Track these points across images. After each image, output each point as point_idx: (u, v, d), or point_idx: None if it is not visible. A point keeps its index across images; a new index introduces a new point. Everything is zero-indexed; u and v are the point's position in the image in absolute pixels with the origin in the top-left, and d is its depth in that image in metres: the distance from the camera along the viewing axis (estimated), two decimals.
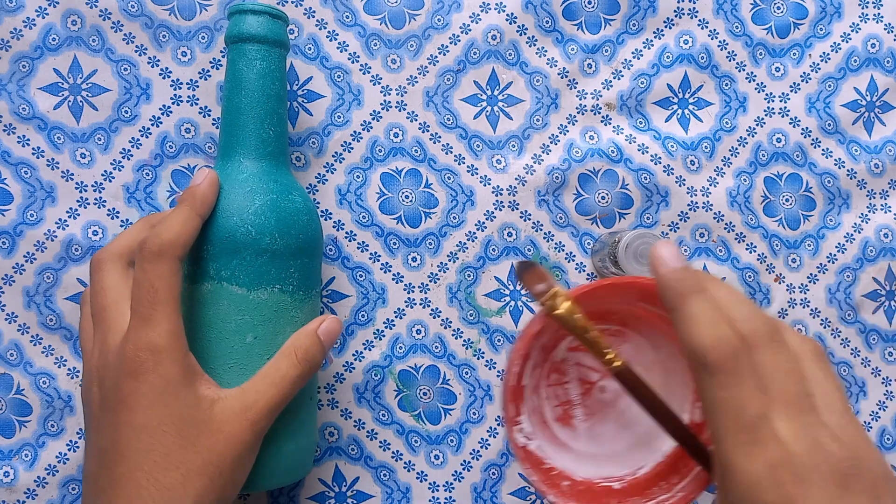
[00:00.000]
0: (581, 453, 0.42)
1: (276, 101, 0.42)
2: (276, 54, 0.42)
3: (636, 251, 0.45)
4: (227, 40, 0.42)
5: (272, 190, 0.41)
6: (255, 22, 0.41)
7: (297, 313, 0.41)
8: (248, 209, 0.39)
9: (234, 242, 0.39)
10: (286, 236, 0.40)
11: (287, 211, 0.40)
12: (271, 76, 0.42)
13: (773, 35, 0.52)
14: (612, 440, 0.42)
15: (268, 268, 0.39)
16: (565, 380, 0.43)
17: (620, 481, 0.41)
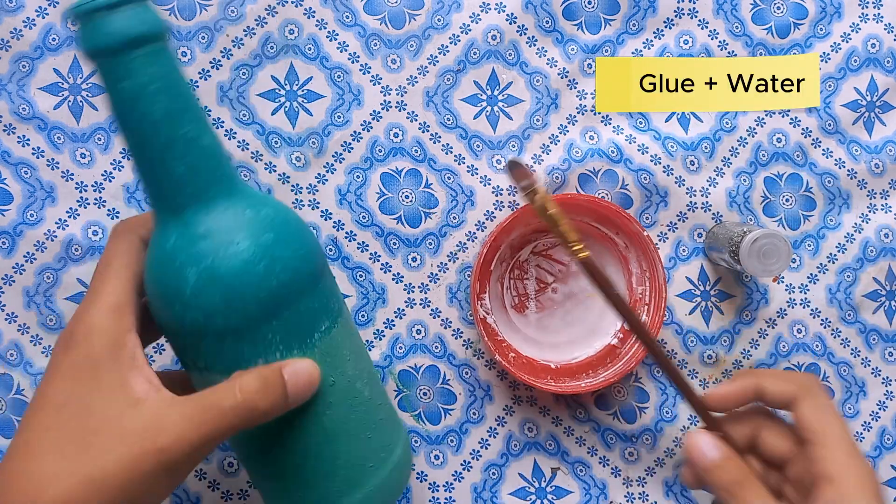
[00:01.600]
0: (528, 338, 0.51)
1: (173, 121, 0.30)
2: (143, 59, 0.29)
3: (760, 250, 0.45)
4: (90, 54, 0.30)
5: (205, 252, 0.31)
6: (114, 22, 0.29)
7: None
8: (184, 290, 0.31)
9: (188, 331, 0.32)
10: (241, 305, 0.31)
11: (231, 273, 0.31)
12: (157, 89, 0.30)
13: (773, 35, 0.52)
14: (555, 333, 0.51)
15: (238, 347, 0.32)
16: (525, 277, 0.51)
17: (556, 363, 0.50)
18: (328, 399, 0.34)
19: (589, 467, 0.51)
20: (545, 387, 0.47)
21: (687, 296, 0.51)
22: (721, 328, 0.51)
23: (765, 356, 0.52)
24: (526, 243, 0.51)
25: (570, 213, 0.49)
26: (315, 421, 0.34)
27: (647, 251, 0.48)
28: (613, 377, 0.48)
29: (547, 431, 0.50)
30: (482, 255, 0.47)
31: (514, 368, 0.47)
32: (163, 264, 0.32)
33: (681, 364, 0.51)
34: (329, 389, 0.34)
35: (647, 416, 0.51)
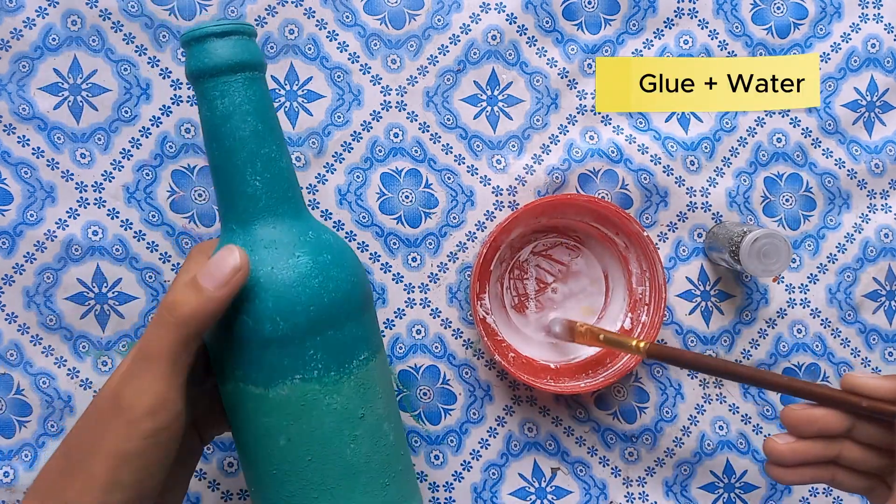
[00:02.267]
0: (528, 337, 0.51)
1: (256, 138, 0.34)
2: (242, 82, 0.34)
3: (760, 250, 0.45)
4: (197, 73, 0.34)
5: (266, 260, 0.33)
6: (221, 48, 0.33)
7: (334, 399, 0.34)
8: (241, 293, 0.33)
9: (234, 336, 0.33)
10: (291, 315, 0.33)
11: (287, 283, 0.33)
12: (243, 111, 0.34)
13: (773, 35, 0.52)
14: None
15: (279, 358, 0.33)
16: (525, 277, 0.51)
17: (556, 363, 0.50)
18: (355, 431, 0.34)
19: (589, 467, 0.51)
20: (545, 387, 0.47)
21: (687, 296, 0.51)
22: (721, 328, 0.51)
23: (765, 356, 0.52)
24: (526, 243, 0.51)
25: (570, 213, 0.49)
26: (339, 453, 0.34)
27: (647, 251, 0.48)
28: (613, 377, 0.48)
29: (547, 431, 0.50)
30: (482, 255, 0.47)
31: (513, 368, 0.47)
32: None
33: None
34: (358, 421, 0.34)
35: (647, 416, 0.51)
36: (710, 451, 0.51)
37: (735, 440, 0.51)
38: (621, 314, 0.50)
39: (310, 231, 0.35)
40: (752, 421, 0.51)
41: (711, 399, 0.51)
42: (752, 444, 0.51)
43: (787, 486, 0.51)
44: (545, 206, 0.48)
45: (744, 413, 0.51)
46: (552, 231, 0.51)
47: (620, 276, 0.51)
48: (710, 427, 0.51)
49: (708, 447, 0.51)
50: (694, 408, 0.51)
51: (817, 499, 0.52)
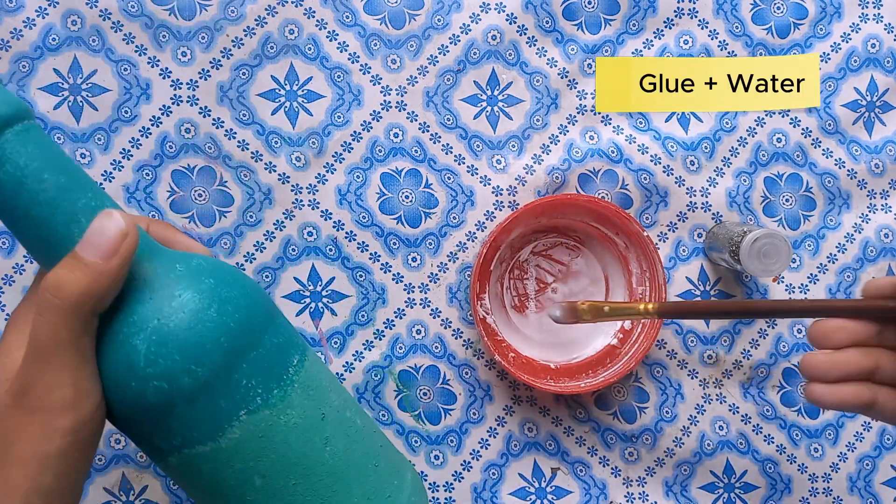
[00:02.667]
0: (528, 337, 0.51)
1: (65, 193, 0.28)
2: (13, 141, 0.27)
3: (760, 250, 0.45)
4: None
5: (149, 315, 0.29)
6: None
7: (290, 414, 0.31)
8: (137, 363, 0.28)
9: (154, 408, 0.29)
10: (205, 357, 0.29)
11: (183, 327, 0.29)
12: (34, 170, 0.27)
13: (773, 35, 0.52)
14: (555, 333, 0.51)
15: (215, 404, 0.29)
16: (525, 277, 0.51)
17: (556, 363, 0.50)
18: (324, 433, 0.32)
19: (589, 467, 0.51)
20: (545, 387, 0.47)
21: (687, 296, 0.51)
22: (721, 328, 0.51)
23: (765, 356, 0.52)
24: (526, 243, 0.51)
25: (570, 213, 0.49)
26: (318, 461, 0.32)
27: (647, 251, 0.48)
28: (613, 377, 0.48)
29: (547, 431, 0.50)
30: (482, 255, 0.47)
31: (513, 368, 0.47)
32: (104, 345, 0.29)
33: (681, 364, 0.51)
34: (322, 423, 0.32)
35: (647, 416, 0.51)
36: (710, 451, 0.51)
37: (735, 440, 0.51)
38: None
39: (176, 264, 0.31)
40: (752, 421, 0.51)
41: (711, 399, 0.51)
42: (752, 444, 0.51)
43: (787, 486, 0.51)
44: (545, 206, 0.48)
45: (744, 413, 0.51)
46: (552, 231, 0.51)
47: (620, 276, 0.51)
48: (710, 427, 0.51)
49: (708, 447, 0.51)
50: (694, 408, 0.51)
51: (817, 499, 0.52)
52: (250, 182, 0.48)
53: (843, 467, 0.52)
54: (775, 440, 0.51)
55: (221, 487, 0.31)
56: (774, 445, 0.51)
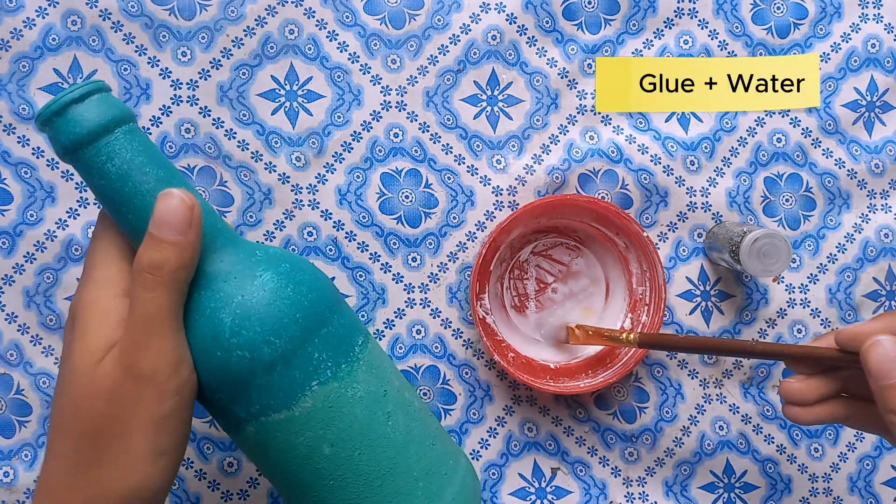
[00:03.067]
0: (528, 337, 0.51)
1: (162, 185, 0.32)
2: (123, 137, 0.32)
3: (760, 250, 0.45)
4: (61, 158, 0.32)
5: (233, 292, 0.33)
6: (88, 111, 0.31)
7: (356, 388, 0.34)
8: (223, 334, 0.32)
9: (236, 376, 0.33)
10: (283, 330, 0.33)
11: (264, 303, 0.33)
12: (139, 164, 0.32)
13: (773, 35, 0.52)
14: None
15: (290, 374, 0.33)
16: (525, 277, 0.51)
17: (556, 363, 0.50)
18: (386, 408, 0.35)
19: (589, 467, 0.51)
20: (545, 387, 0.47)
21: (687, 296, 0.51)
22: (721, 328, 0.51)
23: None
24: (526, 243, 0.51)
25: (570, 214, 0.49)
26: (381, 434, 0.35)
27: (647, 251, 0.48)
28: (613, 377, 0.48)
29: (547, 431, 0.50)
30: (482, 255, 0.47)
31: (513, 368, 0.47)
32: (193, 319, 0.33)
33: (681, 364, 0.51)
34: (384, 399, 0.35)
35: (647, 416, 0.51)
36: (710, 451, 0.51)
37: (735, 440, 0.51)
38: (621, 314, 0.51)
39: (256, 251, 0.35)
40: (752, 421, 0.51)
41: (711, 399, 0.51)
42: (752, 444, 0.51)
43: (787, 486, 0.51)
44: (545, 207, 0.48)
45: (744, 413, 0.51)
46: (552, 231, 0.51)
47: (620, 277, 0.51)
48: (710, 427, 0.51)
49: (708, 447, 0.51)
50: (694, 408, 0.51)
51: (817, 499, 0.52)
52: (250, 182, 0.48)
53: (844, 467, 0.52)
54: (775, 440, 0.51)
55: (292, 456, 0.34)
56: (774, 445, 0.51)
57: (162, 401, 0.31)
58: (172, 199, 0.32)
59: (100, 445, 0.31)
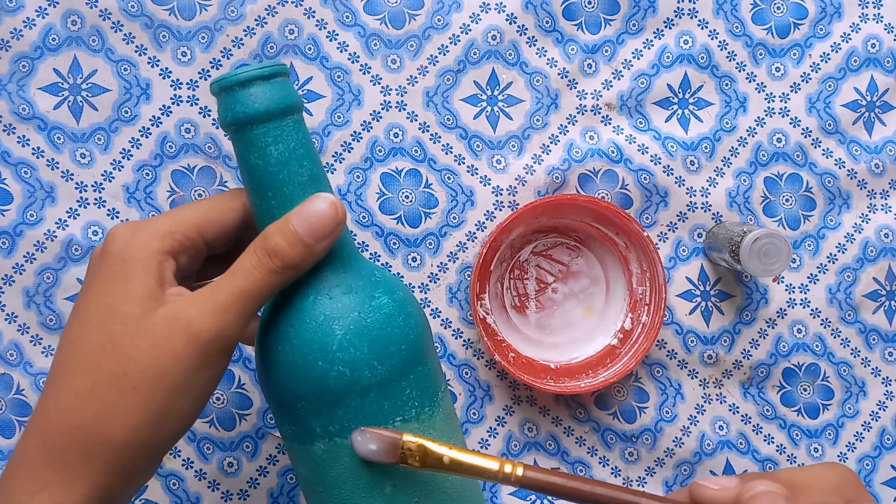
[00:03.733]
0: (528, 338, 0.51)
1: (313, 182, 0.32)
2: (292, 125, 0.32)
3: (760, 250, 0.45)
4: (225, 127, 0.32)
5: (351, 306, 0.32)
6: (271, 92, 0.31)
7: (431, 434, 0.33)
8: (330, 346, 0.31)
9: (330, 391, 0.32)
10: (387, 358, 0.32)
11: (377, 326, 0.32)
12: (299, 155, 0.32)
13: (773, 35, 0.52)
14: (555, 333, 0.51)
15: (379, 404, 0.32)
16: (525, 277, 0.51)
17: (556, 363, 0.50)
18: None
19: (589, 467, 0.51)
20: (545, 387, 0.47)
21: (687, 296, 0.51)
22: (721, 328, 0.51)
23: (765, 356, 0.52)
24: (526, 243, 0.51)
25: (570, 214, 0.49)
26: (441, 487, 0.34)
27: (647, 251, 0.48)
28: (613, 377, 0.48)
29: (547, 431, 0.50)
30: (482, 255, 0.47)
31: (513, 368, 0.47)
32: (302, 321, 0.32)
33: (681, 364, 0.51)
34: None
35: (647, 416, 0.51)
36: (710, 451, 0.51)
37: (735, 440, 0.51)
38: (621, 314, 0.51)
39: (375, 271, 0.34)
40: (752, 421, 0.51)
41: (711, 399, 0.51)
42: (752, 444, 0.51)
43: None
44: (545, 206, 0.48)
45: (744, 413, 0.51)
46: (552, 231, 0.51)
47: (621, 277, 0.51)
48: (710, 427, 0.51)
49: (708, 447, 0.51)
50: (694, 408, 0.51)
51: None
52: None
53: None
54: (775, 440, 0.52)
55: (354, 485, 0.33)
56: (774, 445, 0.51)
57: (203, 368, 0.31)
58: (325, 204, 0.32)
59: (121, 389, 0.30)
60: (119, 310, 0.30)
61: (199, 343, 0.30)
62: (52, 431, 0.30)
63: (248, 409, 0.48)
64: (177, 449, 0.48)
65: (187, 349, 0.30)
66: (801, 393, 0.52)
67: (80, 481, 0.30)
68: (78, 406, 0.30)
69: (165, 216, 0.33)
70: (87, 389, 0.30)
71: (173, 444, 0.32)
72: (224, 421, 0.48)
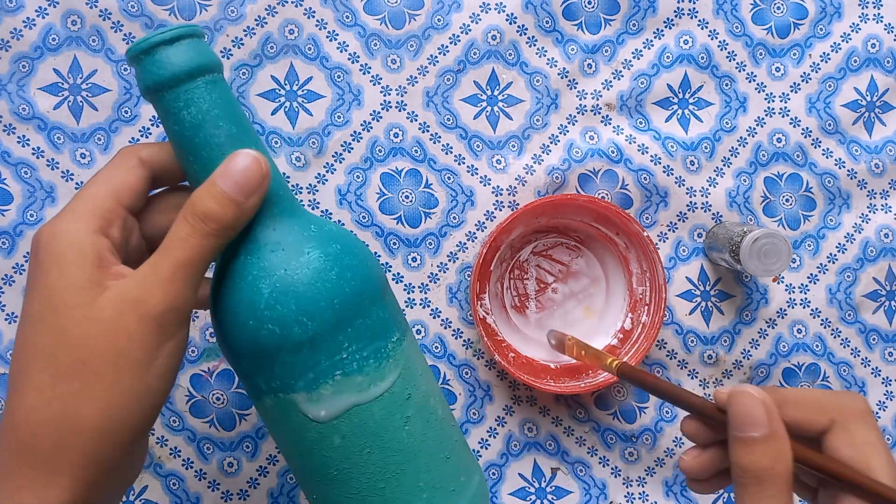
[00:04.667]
0: (529, 338, 0.51)
1: (232, 142, 0.32)
2: (203, 87, 0.32)
3: (760, 250, 0.45)
4: (143, 96, 0.32)
5: (277, 264, 0.32)
6: (175, 55, 0.31)
7: (381, 385, 0.33)
8: (258, 304, 0.32)
9: (263, 349, 0.32)
10: (318, 314, 0.32)
11: (304, 282, 0.32)
12: (213, 116, 0.32)
13: (773, 35, 0.52)
14: None
15: (315, 358, 0.32)
16: (525, 277, 0.51)
17: (556, 363, 0.50)
18: (406, 412, 0.34)
19: (589, 467, 0.51)
20: (545, 387, 0.47)
21: (687, 296, 0.51)
22: (721, 328, 0.51)
23: (765, 356, 0.52)
24: (526, 243, 0.51)
25: (570, 214, 0.49)
26: (394, 437, 0.34)
27: (647, 251, 0.48)
28: (613, 377, 0.48)
29: (547, 431, 0.50)
30: (482, 255, 0.47)
31: (513, 368, 0.47)
32: (233, 281, 0.32)
33: (681, 364, 0.51)
34: (406, 402, 0.34)
35: (647, 416, 0.51)
36: None
37: None
38: (621, 314, 0.51)
39: (311, 225, 0.34)
40: None
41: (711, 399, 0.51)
42: None
43: None
44: (545, 206, 0.48)
45: None
46: (552, 231, 0.51)
47: (620, 277, 0.51)
48: None
49: None
50: None
51: None
52: None
53: None
54: None
55: (303, 437, 0.33)
56: None
57: (162, 342, 0.30)
58: (247, 160, 0.31)
59: (84, 378, 0.29)
60: (63, 302, 0.30)
61: (151, 319, 0.30)
62: (22, 431, 0.30)
63: (248, 409, 0.48)
64: (177, 449, 0.48)
65: (140, 327, 0.30)
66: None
67: (59, 475, 0.29)
68: (43, 403, 0.30)
69: (77, 200, 0.32)
70: (49, 385, 0.30)
71: (151, 423, 0.32)
72: (224, 421, 0.48)
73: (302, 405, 0.33)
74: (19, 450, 0.30)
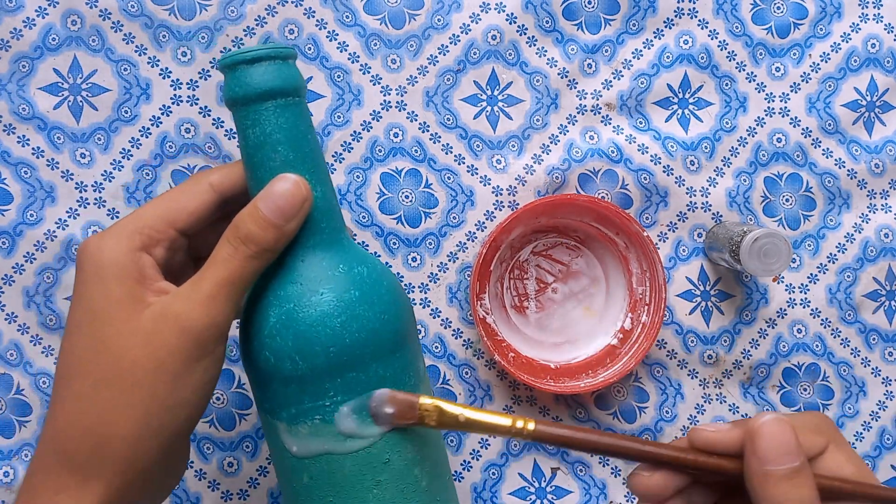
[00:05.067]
0: (528, 338, 0.51)
1: (286, 168, 0.33)
2: (273, 110, 0.33)
3: (760, 249, 0.45)
4: (229, 103, 0.33)
5: (289, 296, 0.32)
6: (252, 75, 0.32)
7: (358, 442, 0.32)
8: (262, 329, 0.32)
9: (259, 371, 0.33)
10: (311, 356, 0.32)
11: (307, 321, 0.32)
12: (274, 140, 0.32)
13: (773, 35, 0.52)
14: (555, 333, 0.51)
15: (300, 398, 0.32)
16: (525, 277, 0.51)
17: (556, 363, 0.50)
18: (378, 476, 0.32)
19: (589, 467, 0.51)
20: (545, 387, 0.47)
21: (687, 296, 0.51)
22: (721, 328, 0.51)
23: (765, 356, 0.52)
24: (526, 243, 0.51)
25: (570, 214, 0.49)
26: (359, 496, 0.32)
27: (647, 251, 0.48)
28: (613, 377, 0.48)
29: None
30: (482, 255, 0.47)
31: (513, 368, 0.47)
32: (253, 301, 0.34)
33: (681, 364, 0.51)
34: (382, 466, 0.33)
35: (647, 416, 0.51)
36: None
37: None
38: (621, 314, 0.51)
39: (341, 265, 0.33)
40: None
41: (711, 399, 0.51)
42: None
43: None
44: (545, 206, 0.48)
45: (743, 413, 0.51)
46: (552, 231, 0.51)
47: (620, 277, 0.51)
48: None
49: None
50: (694, 408, 0.51)
51: None
52: None
53: None
54: None
55: (281, 460, 0.34)
56: None
57: (200, 357, 0.31)
58: (287, 184, 0.32)
59: (122, 387, 0.30)
60: (105, 314, 0.31)
61: (191, 335, 0.31)
62: (62, 437, 0.31)
63: (248, 409, 0.48)
64: None
65: (180, 342, 0.31)
66: (801, 393, 0.52)
67: (95, 481, 0.30)
68: (82, 409, 0.30)
69: (129, 216, 0.33)
70: (89, 392, 0.30)
71: (187, 434, 0.33)
72: (224, 421, 0.48)
73: (282, 434, 0.33)
74: (59, 455, 0.31)
